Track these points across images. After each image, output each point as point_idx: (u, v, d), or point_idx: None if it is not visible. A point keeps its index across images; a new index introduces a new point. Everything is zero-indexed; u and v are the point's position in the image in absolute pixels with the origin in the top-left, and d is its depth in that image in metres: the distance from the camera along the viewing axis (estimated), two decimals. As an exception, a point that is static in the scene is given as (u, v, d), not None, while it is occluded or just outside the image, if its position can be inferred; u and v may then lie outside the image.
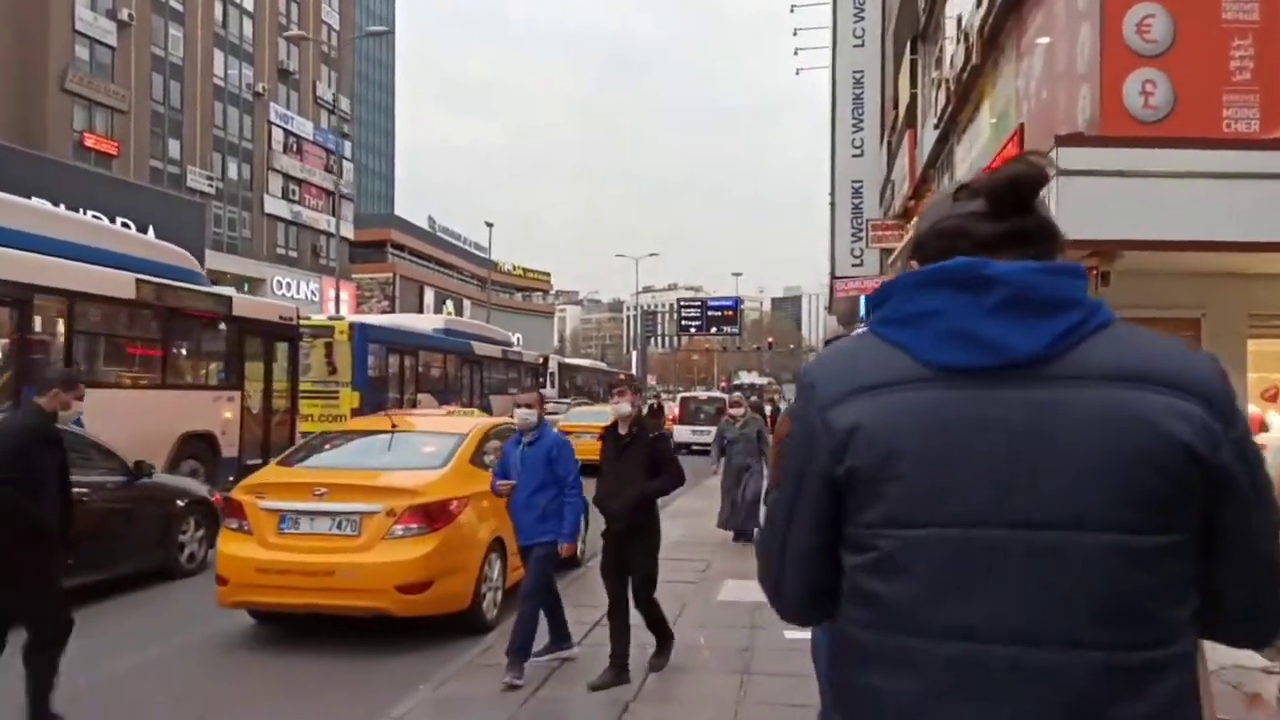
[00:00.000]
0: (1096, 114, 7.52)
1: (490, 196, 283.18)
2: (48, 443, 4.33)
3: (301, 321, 17.53)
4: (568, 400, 27.67)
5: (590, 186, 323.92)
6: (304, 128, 52.46)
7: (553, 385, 30.41)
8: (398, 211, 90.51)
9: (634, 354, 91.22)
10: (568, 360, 39.16)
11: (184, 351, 12.01)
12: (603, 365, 46.17)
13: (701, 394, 30.18)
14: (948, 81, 14.20)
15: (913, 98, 19.63)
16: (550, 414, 23.20)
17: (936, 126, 15.52)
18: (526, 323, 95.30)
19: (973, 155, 13.49)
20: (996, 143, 11.52)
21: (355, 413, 15.27)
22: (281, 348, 13.88)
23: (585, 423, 19.42)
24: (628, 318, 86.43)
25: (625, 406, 5.33)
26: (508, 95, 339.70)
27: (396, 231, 76.58)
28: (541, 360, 28.91)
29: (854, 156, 30.42)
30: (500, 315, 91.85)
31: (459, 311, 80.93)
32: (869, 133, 30.23)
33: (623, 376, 51.83)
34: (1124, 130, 7.26)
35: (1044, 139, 8.78)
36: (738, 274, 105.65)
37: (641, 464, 5.20)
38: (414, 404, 17.49)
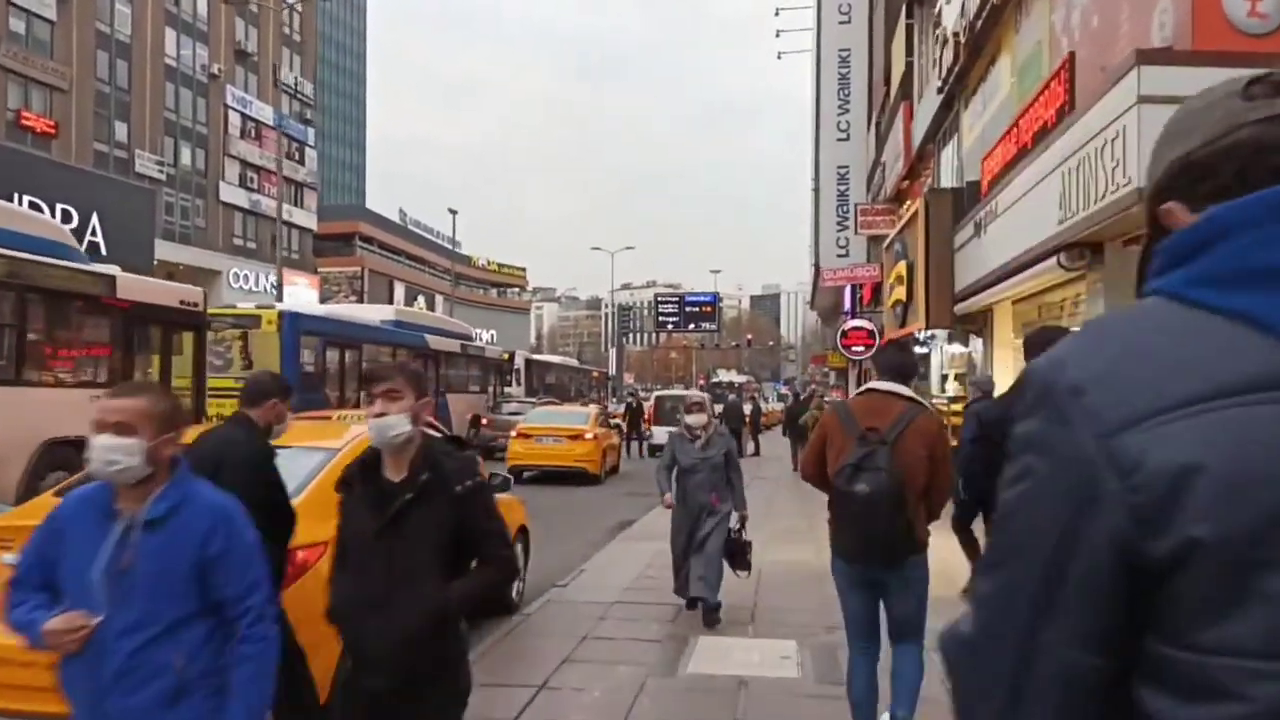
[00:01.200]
0: (1186, 27, 5.80)
1: (469, 194, 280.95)
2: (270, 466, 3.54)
3: (221, 310, 15.56)
4: (533, 400, 25.77)
5: (570, 185, 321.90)
6: (263, 112, 50.06)
7: (518, 383, 28.51)
8: (370, 206, 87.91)
9: (612, 352, 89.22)
10: (537, 356, 37.11)
11: (50, 341, 10.00)
12: (574, 362, 44.06)
13: (681, 391, 28.32)
14: (956, 36, 12.51)
15: (908, 67, 17.91)
16: (514, 414, 21.77)
17: (940, 90, 13.84)
18: (501, 319, 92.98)
19: (988, 115, 11.84)
20: (1023, 92, 9.84)
21: (280, 414, 13.24)
22: (186, 338, 11.88)
23: (548, 424, 17.53)
24: (605, 315, 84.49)
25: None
26: (489, 94, 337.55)
27: (365, 224, 74.23)
28: (506, 356, 26.98)
29: (839, 140, 28.75)
30: (474, 311, 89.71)
31: (432, 308, 78.97)
32: (855, 115, 28.56)
33: (596, 374, 50.08)
34: (1224, 45, 5.54)
35: (1097, 71, 7.07)
36: (716, 271, 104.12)
37: (431, 544, 2.56)
38: (358, 404, 15.58)
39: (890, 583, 3.62)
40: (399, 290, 73.04)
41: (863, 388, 3.97)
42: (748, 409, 28.28)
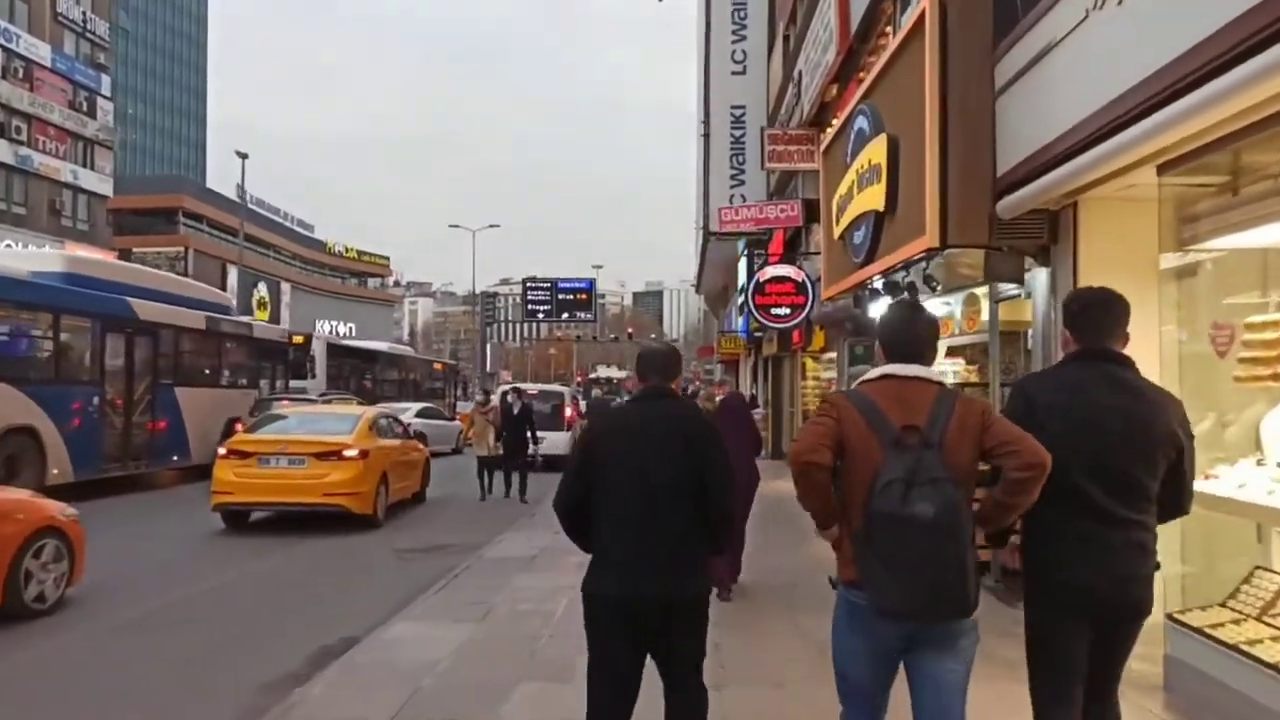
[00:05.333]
0: None
1: (337, 188, 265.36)
2: None
3: None
4: (330, 394, 18.87)
5: (441, 180, 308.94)
6: (36, 50, 40.79)
7: (313, 374, 21.48)
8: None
9: (487, 346, 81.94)
10: (348, 343, 29.77)
11: None
12: (406, 350, 36.38)
13: (534, 388, 22.02)
14: None
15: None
16: (286, 411, 13.95)
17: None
18: (361, 310, 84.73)
19: None
20: None
21: None
22: None
23: (285, 436, 11.01)
24: (478, 311, 77.29)
25: None
26: (355, 84, 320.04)
27: (191, 198, 64.55)
28: (287, 338, 19.89)
29: (734, 74, 23.04)
30: (329, 301, 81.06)
31: (275, 295, 69.69)
32: (754, 43, 22.91)
33: (438, 366, 43.03)
34: None
35: None
36: (598, 266, 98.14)
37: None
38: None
39: (935, 647, 2.55)
40: (232, 274, 64.23)
41: (874, 372, 2.69)
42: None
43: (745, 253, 24.18)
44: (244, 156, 33.44)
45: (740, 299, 27.25)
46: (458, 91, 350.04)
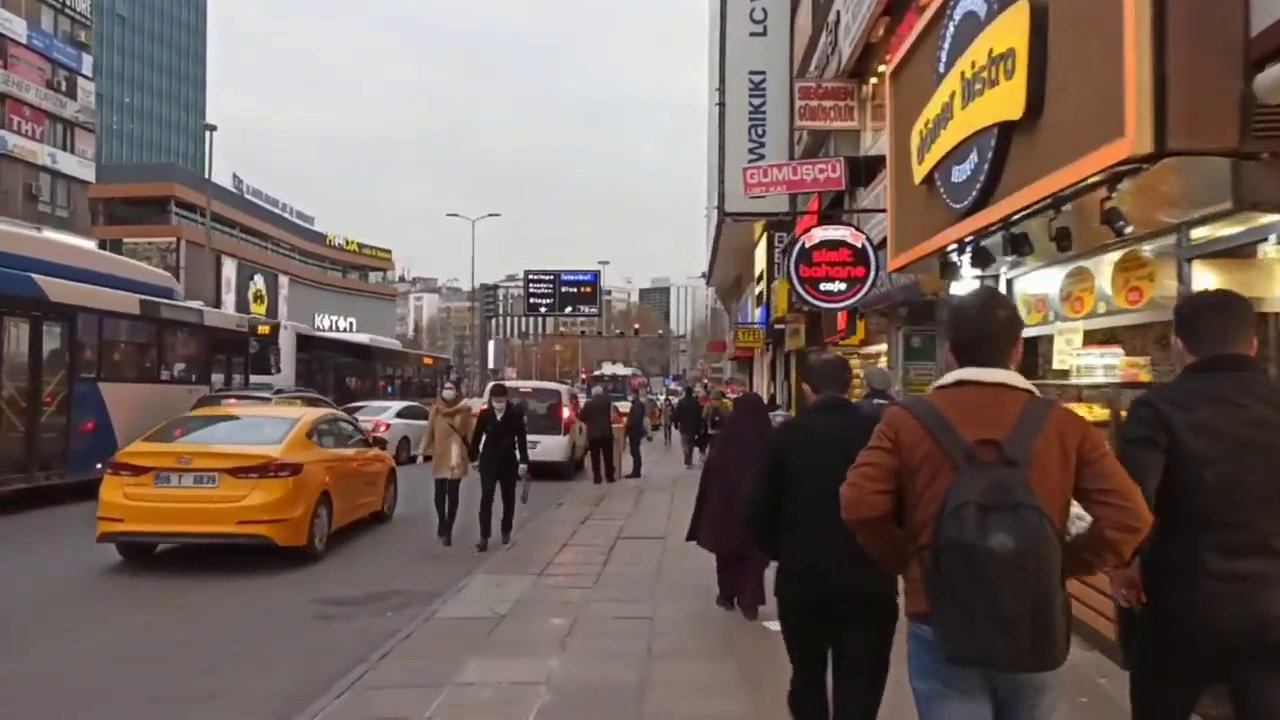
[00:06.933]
0: None
1: (343, 184, 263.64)
2: None
3: None
4: (287, 391, 16.51)
5: (448, 178, 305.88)
6: (10, 25, 38.63)
7: (277, 368, 19.05)
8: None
9: (491, 342, 79.70)
10: (322, 334, 27.14)
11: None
12: (392, 343, 33.37)
13: (527, 385, 19.71)
14: None
15: None
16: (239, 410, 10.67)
17: None
18: (362, 305, 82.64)
19: None
20: None
21: None
22: None
23: (194, 446, 8.76)
24: (478, 305, 74.90)
25: None
26: (362, 82, 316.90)
27: (184, 187, 62.33)
28: (246, 327, 17.41)
29: (753, 35, 20.61)
30: (329, 295, 78.95)
31: (273, 288, 67.59)
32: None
33: (427, 360, 40.65)
34: None
35: None
36: (605, 262, 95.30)
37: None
38: None
39: (1017, 701, 2.24)
40: (229, 266, 62.34)
41: (948, 378, 2.33)
42: (624, 406, 19.91)
43: (765, 234, 21.84)
44: (212, 129, 31.23)
45: (758, 288, 24.85)
46: (461, 91, 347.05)
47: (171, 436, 8.83)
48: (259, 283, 67.07)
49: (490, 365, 72.15)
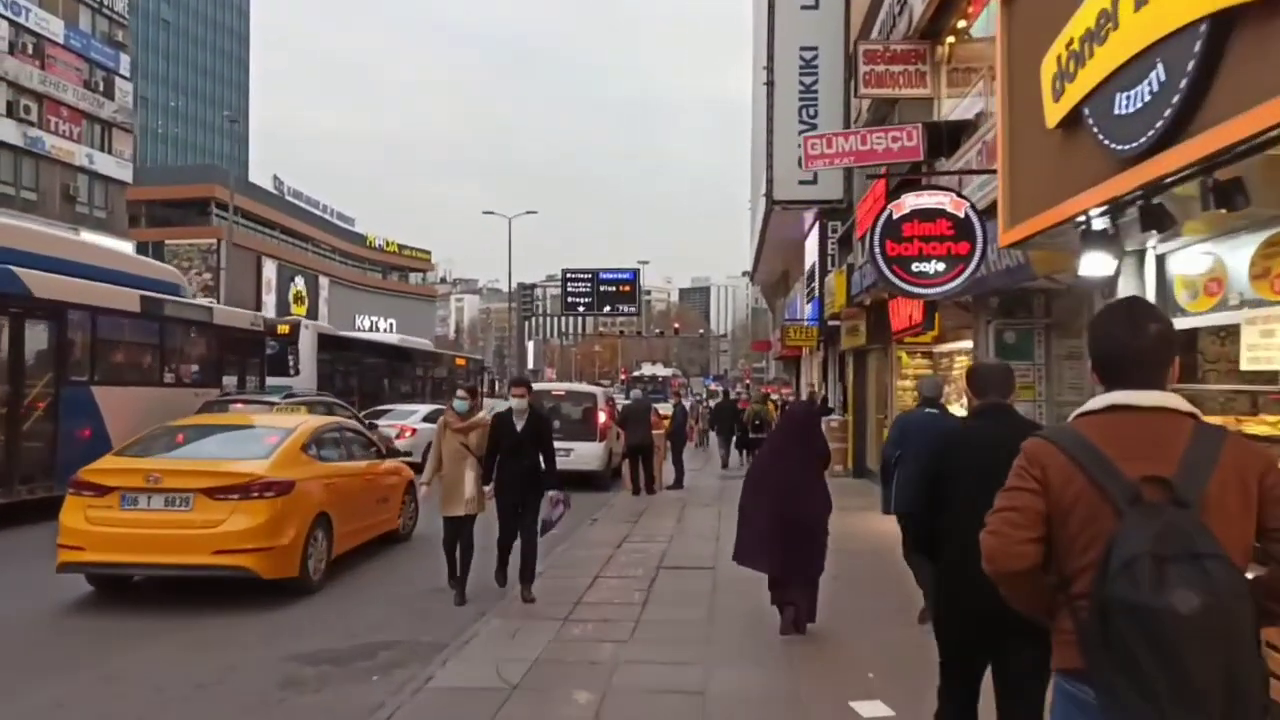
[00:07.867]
0: None
1: (384, 186, 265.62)
2: None
3: None
4: (329, 400, 15.29)
5: (494, 182, 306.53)
6: (48, 25, 38.42)
7: (296, 369, 17.95)
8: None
9: (530, 343, 78.87)
10: (346, 334, 25.57)
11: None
12: (424, 343, 31.97)
13: (560, 388, 18.44)
14: None
15: None
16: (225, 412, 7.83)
17: None
18: (403, 306, 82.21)
19: None
20: None
21: None
22: None
23: (166, 464, 7.59)
24: (515, 304, 73.99)
25: None
26: (401, 85, 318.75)
27: (224, 188, 62.33)
28: (262, 328, 16.27)
29: (805, 8, 19.08)
30: (369, 296, 78.65)
31: (313, 290, 67.36)
32: (829, -30, 19.11)
33: (460, 361, 39.55)
34: None
35: None
36: (644, 261, 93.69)
37: None
38: None
39: None
40: (269, 267, 62.23)
41: (1096, 402, 2.05)
42: (665, 409, 18.49)
43: (817, 224, 20.28)
44: (234, 121, 30.49)
45: (811, 285, 23.24)
46: (502, 93, 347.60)
47: (148, 450, 7.64)
48: (300, 284, 67.04)
49: (530, 366, 71.30)
